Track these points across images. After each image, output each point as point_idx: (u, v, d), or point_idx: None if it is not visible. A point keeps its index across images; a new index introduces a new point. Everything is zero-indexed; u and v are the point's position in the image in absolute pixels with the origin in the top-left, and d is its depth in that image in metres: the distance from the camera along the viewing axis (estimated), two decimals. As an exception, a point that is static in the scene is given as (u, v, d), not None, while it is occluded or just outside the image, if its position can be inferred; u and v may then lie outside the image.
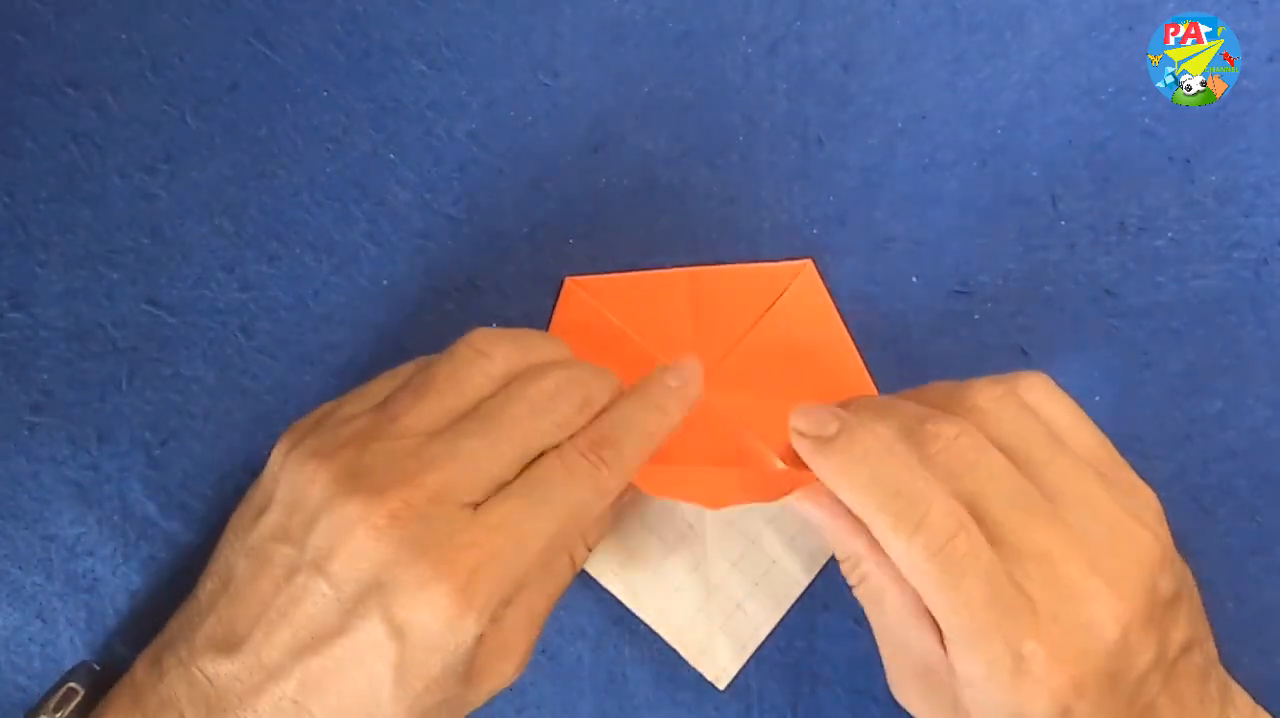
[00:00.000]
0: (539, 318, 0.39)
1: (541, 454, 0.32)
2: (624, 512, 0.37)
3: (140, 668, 0.32)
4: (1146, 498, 0.32)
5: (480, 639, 0.30)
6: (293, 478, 0.31)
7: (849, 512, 0.32)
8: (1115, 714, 0.30)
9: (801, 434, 0.32)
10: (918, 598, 0.31)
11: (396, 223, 0.39)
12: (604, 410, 0.33)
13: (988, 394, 0.32)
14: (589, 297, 0.38)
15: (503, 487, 0.31)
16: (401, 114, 0.39)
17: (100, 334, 0.39)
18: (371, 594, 0.29)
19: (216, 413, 0.38)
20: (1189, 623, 0.31)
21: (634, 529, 0.37)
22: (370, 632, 0.29)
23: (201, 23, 0.39)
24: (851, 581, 0.33)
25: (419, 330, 0.39)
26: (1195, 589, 0.32)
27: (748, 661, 0.37)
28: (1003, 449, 0.31)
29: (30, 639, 0.38)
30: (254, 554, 0.31)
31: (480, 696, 0.32)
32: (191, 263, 0.39)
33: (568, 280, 0.39)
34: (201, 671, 0.30)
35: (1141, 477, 0.32)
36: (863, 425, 0.32)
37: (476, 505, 0.31)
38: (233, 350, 0.39)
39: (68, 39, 0.39)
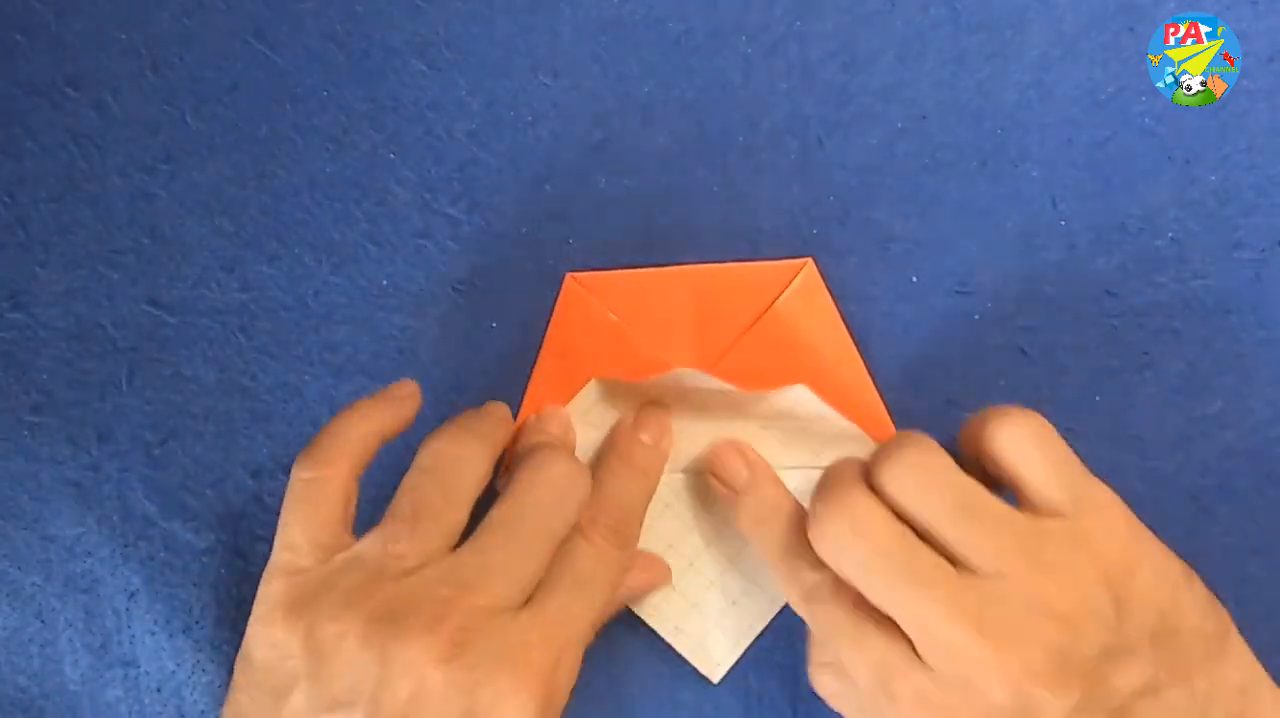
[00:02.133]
0: (539, 317, 0.39)
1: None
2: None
3: None
4: (1101, 547, 0.30)
5: None
6: (314, 643, 0.30)
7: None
8: None
9: (715, 480, 0.36)
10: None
11: (396, 223, 0.39)
12: (600, 483, 0.35)
13: (909, 459, 0.31)
14: (589, 293, 0.38)
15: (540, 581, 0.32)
16: (401, 114, 0.39)
17: (100, 334, 0.39)
18: None
19: (216, 413, 0.38)
20: (1149, 665, 0.30)
21: (634, 529, 0.37)
22: None
23: (201, 23, 0.39)
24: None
25: (419, 330, 0.39)
26: (1182, 620, 0.31)
27: (746, 659, 0.37)
28: (907, 519, 0.31)
29: (30, 640, 0.38)
30: None
31: None
32: (191, 263, 0.39)
33: (568, 277, 0.39)
34: None
35: (1141, 477, 0.32)
36: (770, 486, 0.35)
37: (523, 608, 0.31)
38: (233, 350, 0.39)
39: (68, 39, 0.39)
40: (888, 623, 0.30)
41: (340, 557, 0.31)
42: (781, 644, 0.37)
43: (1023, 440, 0.31)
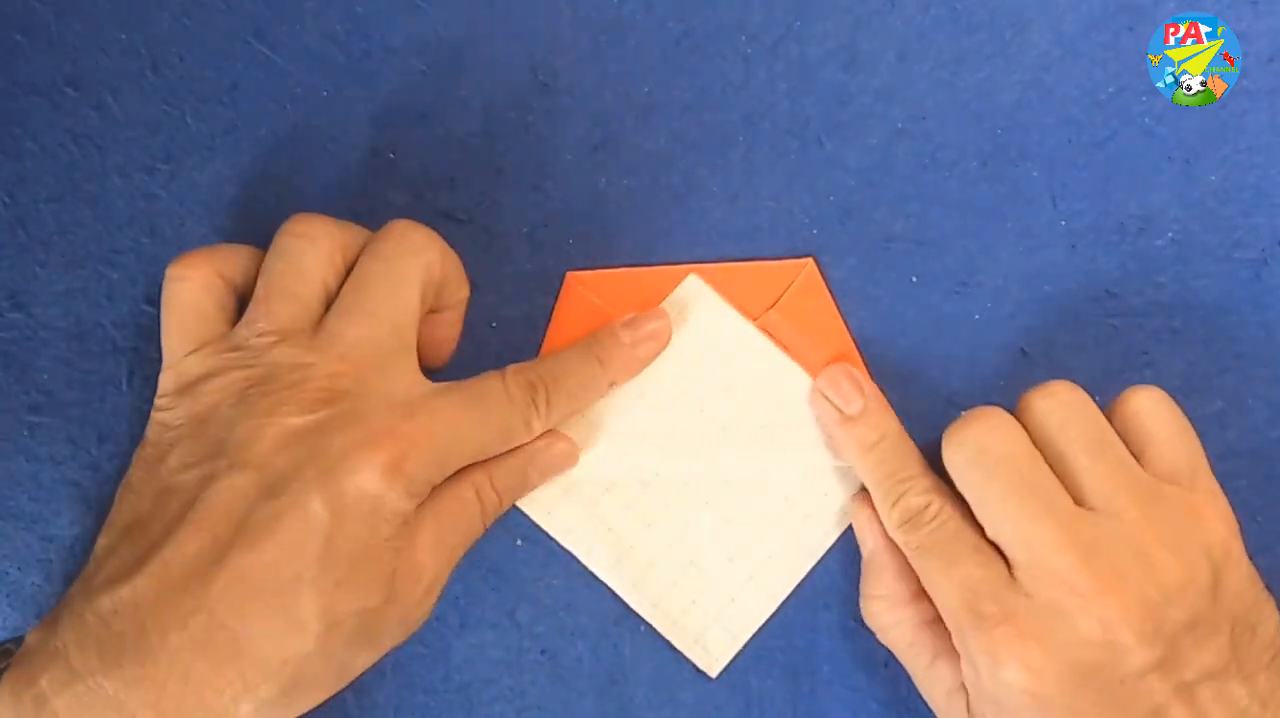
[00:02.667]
0: (539, 317, 0.39)
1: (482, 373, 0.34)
2: (626, 509, 0.37)
3: (34, 634, 0.30)
4: (1202, 524, 0.32)
5: (405, 526, 0.30)
6: (195, 411, 0.31)
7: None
8: (1098, 708, 0.30)
9: (826, 400, 0.36)
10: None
11: (396, 223, 0.39)
12: (552, 354, 0.35)
13: (1054, 395, 0.33)
14: (589, 293, 0.38)
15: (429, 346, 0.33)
16: (401, 114, 0.39)
17: (100, 334, 0.39)
18: (305, 465, 0.29)
19: (216, 413, 0.38)
20: (1228, 651, 0.31)
21: (631, 524, 0.37)
22: (302, 509, 0.29)
23: (201, 23, 0.39)
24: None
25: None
26: (1261, 623, 0.32)
27: (746, 658, 0.37)
28: (1041, 447, 0.32)
29: (30, 639, 0.38)
30: (166, 490, 0.30)
31: (390, 626, 0.31)
32: (191, 263, 0.39)
33: (569, 275, 0.39)
34: (96, 612, 0.28)
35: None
36: (881, 413, 0.36)
37: (401, 378, 0.32)
38: (233, 350, 0.39)
39: (68, 39, 0.39)
40: (986, 549, 0.32)
41: (210, 345, 0.33)
42: (781, 643, 0.37)
43: (1162, 404, 0.33)
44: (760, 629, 0.37)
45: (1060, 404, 0.33)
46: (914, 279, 0.39)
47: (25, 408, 0.38)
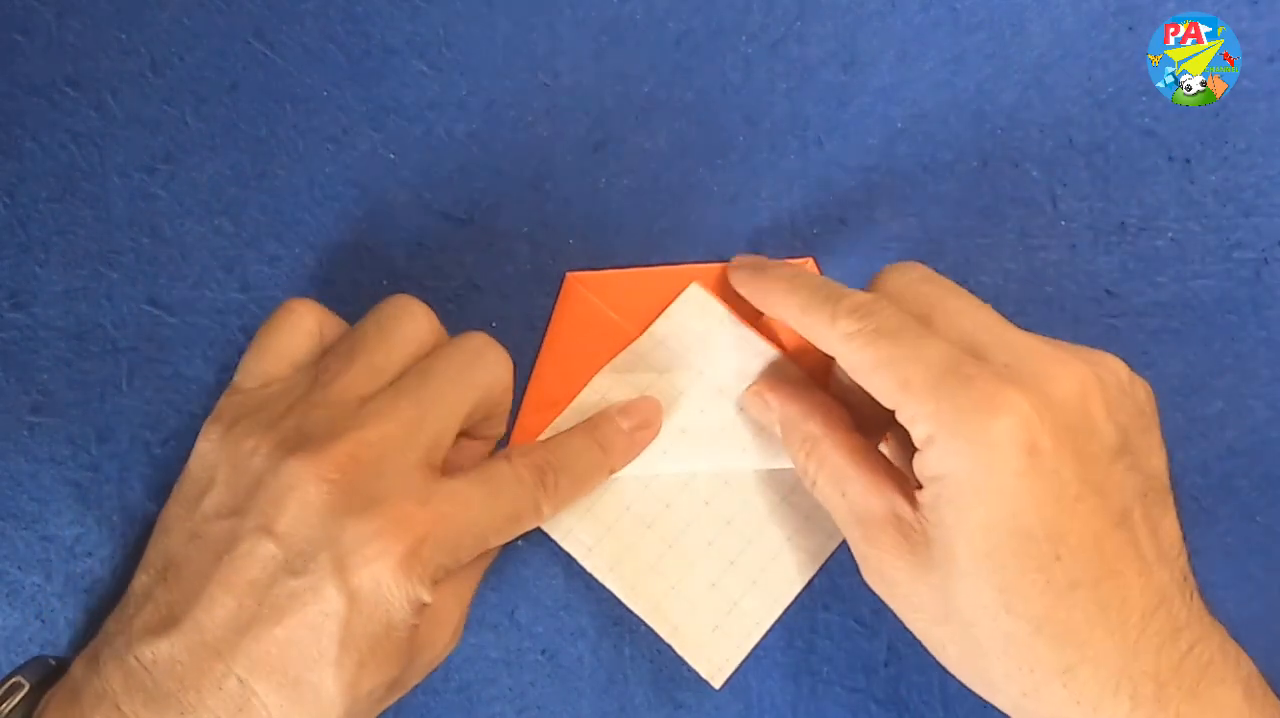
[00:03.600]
0: (539, 317, 0.39)
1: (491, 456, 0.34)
2: (626, 511, 0.37)
3: (78, 666, 0.31)
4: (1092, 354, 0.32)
5: (423, 607, 0.30)
6: (233, 456, 0.31)
7: (799, 399, 0.35)
8: (1085, 486, 0.29)
9: (739, 267, 0.36)
10: (877, 455, 0.33)
11: (396, 223, 0.39)
12: (555, 437, 0.35)
13: (900, 275, 0.33)
14: (589, 293, 0.38)
15: (448, 467, 0.32)
16: (401, 114, 0.39)
17: (100, 334, 0.39)
18: (322, 548, 0.29)
19: (216, 413, 0.38)
20: (1160, 457, 0.31)
21: (633, 527, 0.37)
22: (321, 591, 0.29)
23: (201, 23, 0.39)
24: (810, 474, 0.34)
25: (419, 330, 0.39)
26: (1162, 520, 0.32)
27: (746, 660, 0.37)
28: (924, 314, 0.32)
29: (30, 639, 0.38)
30: (196, 536, 0.31)
31: (416, 672, 0.32)
32: (191, 263, 0.39)
33: (569, 276, 0.39)
34: (138, 658, 0.29)
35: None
36: (788, 263, 0.36)
37: (421, 466, 0.31)
38: (233, 350, 0.39)
39: (68, 39, 0.39)
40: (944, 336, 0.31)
41: (278, 384, 0.33)
42: (781, 643, 0.37)
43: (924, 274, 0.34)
44: (763, 636, 0.37)
45: (913, 271, 0.34)
46: (914, 279, 0.39)
47: (25, 408, 0.38)
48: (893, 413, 0.31)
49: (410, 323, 0.34)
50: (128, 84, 0.39)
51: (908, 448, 0.31)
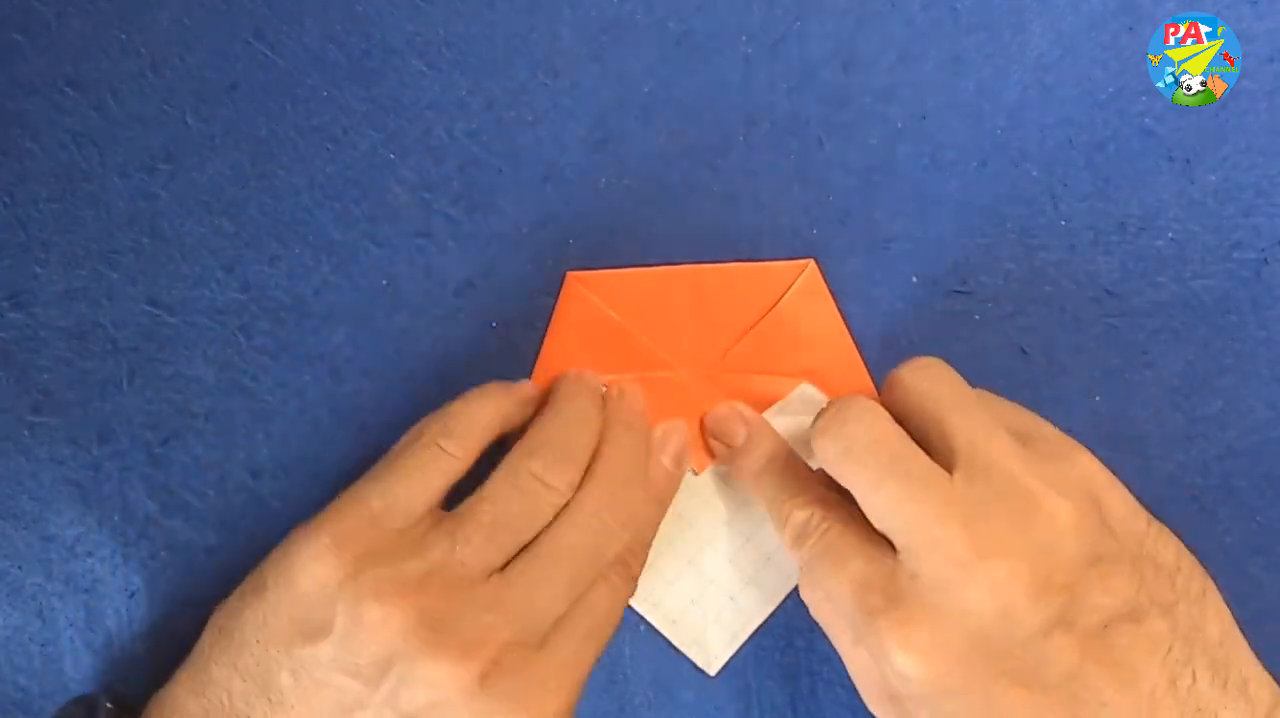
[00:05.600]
0: (539, 317, 0.39)
1: None
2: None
3: None
4: (1074, 462, 0.31)
5: None
6: (357, 611, 0.31)
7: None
8: (1005, 680, 0.29)
9: (715, 438, 0.37)
10: None
11: (396, 223, 0.39)
12: (630, 516, 0.35)
13: (920, 368, 0.33)
14: (590, 292, 0.38)
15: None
16: (401, 114, 0.39)
17: (100, 334, 0.39)
18: None
19: (217, 413, 0.38)
20: (1130, 585, 0.29)
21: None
22: None
23: (201, 23, 0.39)
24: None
25: (419, 330, 0.39)
26: (1160, 552, 0.31)
27: (746, 657, 0.37)
28: (905, 416, 0.32)
29: (30, 639, 0.38)
30: (309, 677, 0.31)
31: None
32: (191, 263, 0.39)
33: (569, 275, 0.39)
34: None
35: (1141, 477, 0.32)
36: (764, 439, 0.36)
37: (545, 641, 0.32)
38: (233, 350, 0.39)
39: (68, 39, 0.39)
40: (873, 543, 0.31)
41: (412, 537, 0.32)
42: (781, 643, 0.38)
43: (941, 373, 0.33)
44: (760, 629, 0.37)
45: (924, 371, 0.33)
46: (914, 279, 0.39)
47: (25, 408, 0.38)
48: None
49: (556, 497, 0.33)
50: (128, 84, 0.39)
51: None
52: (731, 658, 0.37)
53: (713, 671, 0.37)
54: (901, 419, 0.32)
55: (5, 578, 0.38)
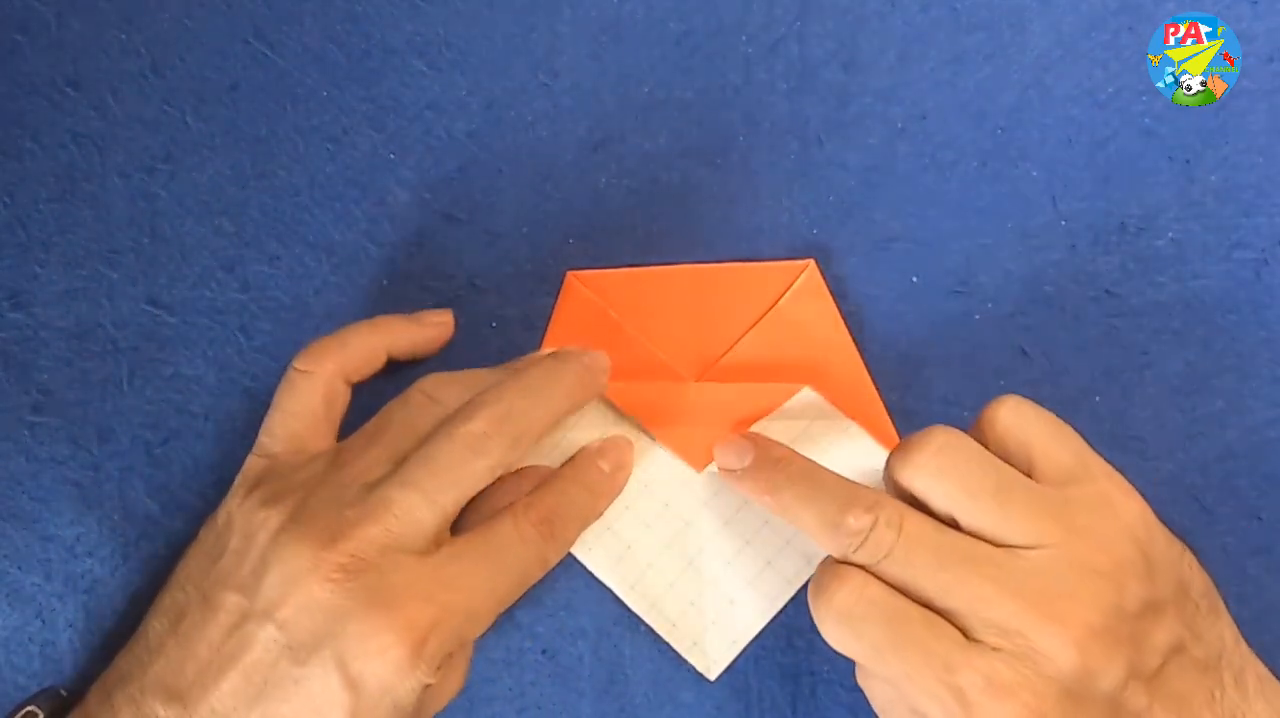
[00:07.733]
0: (539, 317, 0.39)
1: (495, 513, 0.33)
2: (626, 510, 0.38)
3: (93, 700, 0.32)
4: (1122, 508, 0.31)
5: (429, 686, 0.31)
6: (244, 525, 0.32)
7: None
8: None
9: (728, 466, 0.35)
10: None
11: (396, 223, 0.39)
12: (546, 484, 0.35)
13: (936, 443, 0.31)
14: (590, 291, 0.38)
15: (453, 535, 0.32)
16: (401, 114, 0.39)
17: (100, 334, 0.39)
18: (325, 644, 0.30)
19: (217, 413, 0.38)
20: (1177, 622, 0.30)
21: (631, 526, 0.37)
22: (325, 681, 0.30)
23: (201, 23, 0.39)
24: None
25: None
26: (1192, 579, 0.32)
27: (746, 659, 0.37)
28: (936, 511, 0.31)
29: (30, 639, 0.38)
30: (206, 600, 0.31)
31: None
32: (191, 263, 0.39)
33: (569, 275, 0.39)
34: (153, 712, 0.30)
35: (1141, 477, 0.32)
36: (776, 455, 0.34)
37: (427, 552, 0.31)
38: (233, 350, 0.39)
39: (68, 39, 0.39)
40: (932, 618, 0.30)
41: (305, 454, 0.34)
42: (781, 644, 0.37)
43: (1024, 412, 0.32)
44: (759, 631, 0.37)
45: (938, 453, 0.31)
46: (914, 279, 0.39)
47: (25, 408, 0.38)
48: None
49: (436, 412, 0.33)
50: (128, 84, 0.39)
51: None
52: (731, 662, 0.37)
53: (712, 676, 0.37)
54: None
55: (5, 578, 0.38)
